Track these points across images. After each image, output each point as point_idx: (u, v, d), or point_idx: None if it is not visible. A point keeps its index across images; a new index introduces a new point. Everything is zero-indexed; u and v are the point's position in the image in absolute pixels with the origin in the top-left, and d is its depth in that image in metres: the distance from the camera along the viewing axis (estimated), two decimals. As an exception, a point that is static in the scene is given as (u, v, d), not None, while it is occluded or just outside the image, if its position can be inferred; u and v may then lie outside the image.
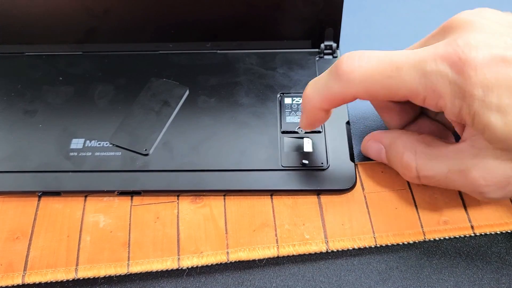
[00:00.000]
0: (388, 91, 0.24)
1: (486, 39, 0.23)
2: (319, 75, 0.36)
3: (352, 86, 0.25)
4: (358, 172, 0.32)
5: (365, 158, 0.32)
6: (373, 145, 0.30)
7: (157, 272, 0.28)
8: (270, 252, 0.28)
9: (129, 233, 0.29)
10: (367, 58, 0.25)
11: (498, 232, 0.29)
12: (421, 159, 0.26)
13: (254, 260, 0.29)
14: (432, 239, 0.29)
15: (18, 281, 0.27)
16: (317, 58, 0.38)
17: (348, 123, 0.33)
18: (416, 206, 0.30)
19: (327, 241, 0.29)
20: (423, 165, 0.26)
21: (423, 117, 0.30)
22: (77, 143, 0.32)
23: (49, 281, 0.28)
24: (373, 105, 0.31)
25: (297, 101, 0.34)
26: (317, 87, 0.27)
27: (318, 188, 0.30)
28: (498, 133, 0.22)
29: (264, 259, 0.29)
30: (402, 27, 0.42)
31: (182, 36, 0.38)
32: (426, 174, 0.26)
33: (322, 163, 0.31)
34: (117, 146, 0.32)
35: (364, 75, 0.24)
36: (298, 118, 0.33)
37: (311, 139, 0.32)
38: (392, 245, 0.29)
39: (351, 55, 0.25)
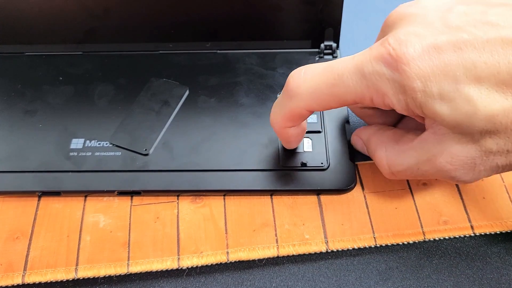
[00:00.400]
0: (337, 99, 0.25)
1: (417, 30, 0.23)
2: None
3: (302, 100, 0.26)
4: (358, 172, 0.32)
5: (365, 158, 0.32)
6: (357, 141, 0.31)
7: (157, 272, 0.28)
8: (270, 252, 0.28)
9: (129, 233, 0.29)
10: (311, 71, 0.25)
11: (498, 232, 0.29)
12: (391, 156, 0.27)
13: (254, 260, 0.29)
14: (432, 239, 0.29)
15: (18, 281, 0.27)
16: (317, 58, 0.38)
17: (348, 123, 0.33)
18: (416, 206, 0.30)
19: (327, 241, 0.29)
20: (393, 161, 0.27)
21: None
22: (77, 143, 0.32)
23: (49, 281, 0.28)
24: (355, 113, 0.32)
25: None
26: (276, 109, 0.28)
27: (318, 188, 0.30)
28: (447, 120, 0.22)
29: (264, 259, 0.29)
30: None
31: (182, 36, 0.38)
32: (398, 169, 0.26)
33: (322, 163, 0.31)
34: (117, 146, 0.32)
35: (310, 87, 0.25)
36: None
37: (311, 139, 0.32)
38: (392, 245, 0.29)
39: (297, 71, 0.26)
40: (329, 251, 0.29)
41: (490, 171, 0.24)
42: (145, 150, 0.32)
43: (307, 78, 0.25)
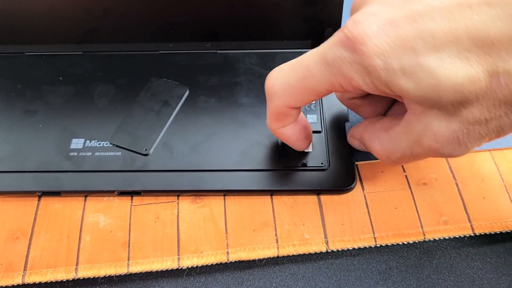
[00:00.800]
0: (309, 91, 0.25)
1: (374, 9, 0.22)
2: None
3: (278, 99, 0.26)
4: (358, 172, 0.32)
5: (365, 158, 0.32)
6: (352, 141, 0.31)
7: (157, 272, 0.28)
8: (270, 252, 0.28)
9: (129, 233, 0.29)
10: (283, 69, 0.26)
11: (498, 232, 0.29)
12: (385, 145, 0.26)
13: (254, 260, 0.29)
14: (432, 239, 0.29)
15: (18, 281, 0.28)
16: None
17: (348, 122, 0.33)
18: (416, 206, 0.30)
19: (327, 241, 0.29)
20: (388, 150, 0.26)
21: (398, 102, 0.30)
22: (77, 143, 0.32)
23: (49, 281, 0.28)
24: (344, 105, 0.32)
25: (297, 101, 0.34)
26: (267, 113, 0.28)
27: (318, 188, 0.30)
28: (414, 95, 0.22)
29: (264, 259, 0.29)
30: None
31: (182, 36, 0.38)
32: (396, 156, 0.26)
33: (322, 163, 0.31)
34: (117, 146, 0.32)
35: (282, 84, 0.25)
36: (298, 118, 0.33)
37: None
38: (392, 245, 0.29)
39: (271, 72, 0.26)
40: (329, 251, 0.29)
41: (476, 142, 0.23)
42: (145, 150, 0.32)
43: (279, 76, 0.26)
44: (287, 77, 0.25)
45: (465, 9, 0.21)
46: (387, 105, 0.30)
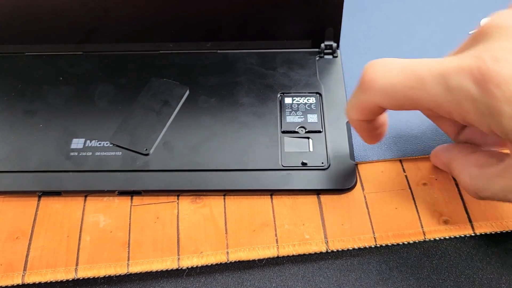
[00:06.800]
0: (412, 102, 0.23)
1: None
2: (319, 74, 0.36)
3: (374, 96, 0.24)
4: (358, 172, 0.32)
5: (365, 158, 0.32)
6: (436, 161, 0.31)
7: (157, 272, 0.28)
8: (270, 252, 0.28)
9: (129, 233, 0.29)
10: (390, 67, 0.24)
11: (498, 232, 0.29)
12: (476, 182, 0.25)
13: (254, 260, 0.29)
14: (432, 239, 0.29)
15: (18, 281, 0.28)
16: (317, 58, 0.38)
17: (348, 122, 0.33)
18: (416, 206, 0.30)
19: (327, 241, 0.29)
20: (479, 188, 0.25)
21: None
22: (77, 143, 0.32)
23: (48, 281, 0.28)
24: (425, 115, 0.30)
25: (297, 101, 0.34)
26: (350, 100, 0.26)
27: (318, 188, 0.30)
28: None
29: (264, 259, 0.29)
30: (401, 27, 0.42)
31: (182, 36, 0.38)
32: (485, 195, 0.25)
33: (322, 163, 0.31)
34: (117, 146, 0.32)
35: (385, 84, 0.23)
36: (298, 118, 0.33)
37: (312, 139, 0.32)
38: (392, 245, 0.29)
39: (374, 64, 0.24)
40: (329, 251, 0.29)
41: None
42: (146, 150, 0.32)
43: (385, 75, 0.24)
44: (393, 79, 0.23)
45: None
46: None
